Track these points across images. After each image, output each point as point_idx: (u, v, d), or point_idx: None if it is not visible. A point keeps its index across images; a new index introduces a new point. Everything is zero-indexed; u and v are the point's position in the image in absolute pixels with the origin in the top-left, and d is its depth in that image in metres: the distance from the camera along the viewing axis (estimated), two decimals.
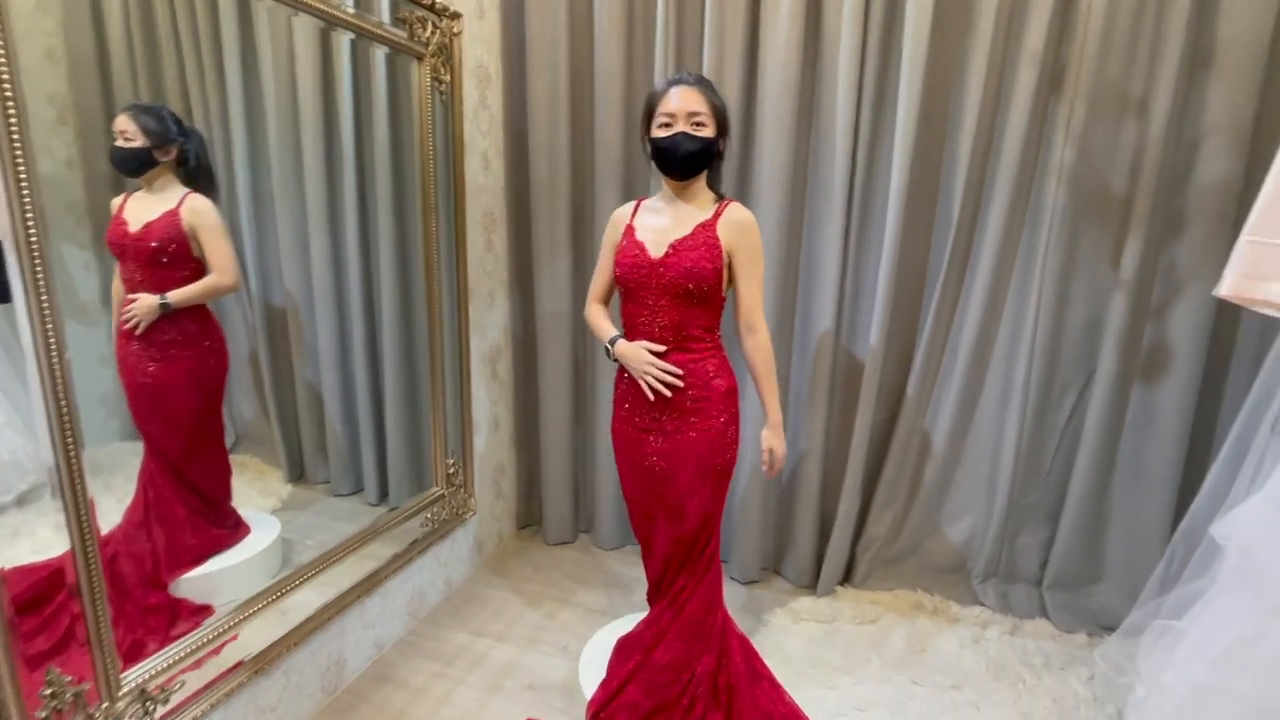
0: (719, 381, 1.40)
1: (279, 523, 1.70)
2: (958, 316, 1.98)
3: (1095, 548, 1.97)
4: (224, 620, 1.37)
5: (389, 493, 1.96)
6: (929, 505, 2.13)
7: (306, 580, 1.58)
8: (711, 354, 1.40)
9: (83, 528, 1.06)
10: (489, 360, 2.26)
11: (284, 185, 1.66)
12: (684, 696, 1.39)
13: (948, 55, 1.81)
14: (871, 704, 1.67)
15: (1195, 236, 1.72)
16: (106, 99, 1.32)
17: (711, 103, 1.33)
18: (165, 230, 1.37)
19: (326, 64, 1.66)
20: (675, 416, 1.39)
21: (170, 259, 1.39)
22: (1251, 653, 1.04)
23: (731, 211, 1.38)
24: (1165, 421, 1.82)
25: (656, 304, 1.37)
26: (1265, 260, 1.21)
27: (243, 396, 1.72)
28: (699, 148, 1.32)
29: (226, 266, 1.46)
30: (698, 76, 1.37)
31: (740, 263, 1.37)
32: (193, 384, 1.50)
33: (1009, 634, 1.95)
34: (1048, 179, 1.80)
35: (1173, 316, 1.78)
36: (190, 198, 1.40)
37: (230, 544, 1.59)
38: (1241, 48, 1.58)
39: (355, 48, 1.67)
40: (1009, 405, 1.97)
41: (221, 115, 1.51)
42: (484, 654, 1.87)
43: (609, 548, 2.45)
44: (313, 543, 1.70)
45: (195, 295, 1.44)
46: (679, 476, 1.39)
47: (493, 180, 2.19)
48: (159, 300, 1.38)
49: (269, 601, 1.47)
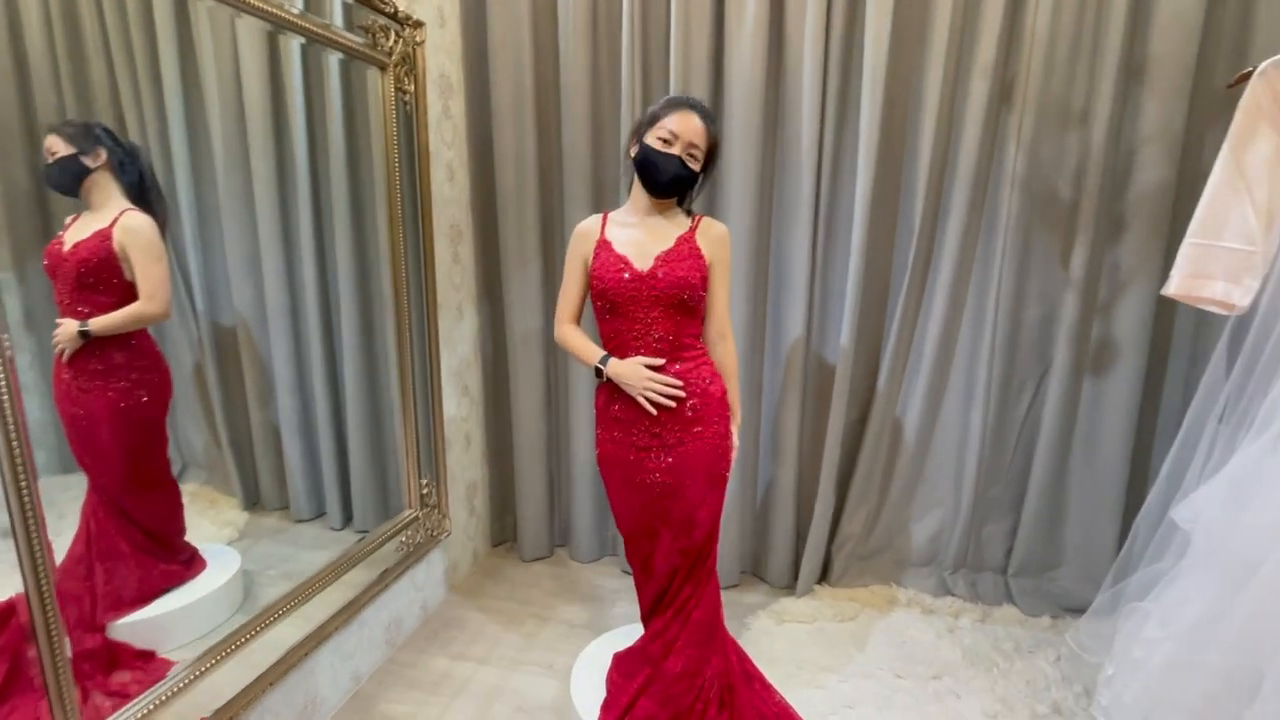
0: (714, 387, 1.41)
1: (238, 554, 1.61)
2: (921, 319, 2.05)
3: (1054, 534, 2.08)
4: (193, 668, 1.29)
5: (353, 516, 1.89)
6: (900, 502, 2.20)
7: (280, 618, 1.49)
8: (704, 361, 1.42)
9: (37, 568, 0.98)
10: (459, 376, 2.21)
11: (232, 199, 1.57)
12: (697, 702, 1.39)
13: (905, 69, 1.88)
14: (859, 701, 1.71)
15: (1135, 238, 1.84)
16: (27, 114, 1.22)
17: (712, 139, 1.37)
18: (92, 250, 1.27)
19: (275, 71, 1.58)
20: (678, 428, 1.38)
21: (97, 281, 1.28)
22: (1217, 627, 1.12)
23: (708, 224, 1.43)
24: (1114, 411, 1.94)
25: (648, 316, 1.36)
26: (1207, 260, 1.31)
27: (190, 423, 1.61)
28: (688, 176, 1.36)
29: (154, 292, 1.34)
30: (704, 108, 1.38)
31: (717, 273, 1.41)
32: (119, 418, 1.38)
33: (980, 621, 2.03)
34: (1002, 186, 1.89)
35: (1118, 313, 1.90)
36: (126, 215, 1.30)
37: (183, 580, 1.49)
38: (1171, 63, 1.71)
39: (308, 54, 1.60)
40: (972, 401, 2.06)
41: (159, 127, 1.41)
42: (468, 679, 1.81)
43: (587, 560, 2.42)
44: (275, 572, 1.62)
45: (118, 324, 1.32)
46: (687, 488, 1.39)
47: (458, 192, 2.15)
48: (79, 327, 1.28)
49: (244, 641, 1.39)
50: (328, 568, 1.66)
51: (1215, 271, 1.29)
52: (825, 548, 2.20)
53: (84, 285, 1.28)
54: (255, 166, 1.59)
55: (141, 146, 1.35)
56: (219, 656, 1.34)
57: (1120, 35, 1.70)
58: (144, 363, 1.41)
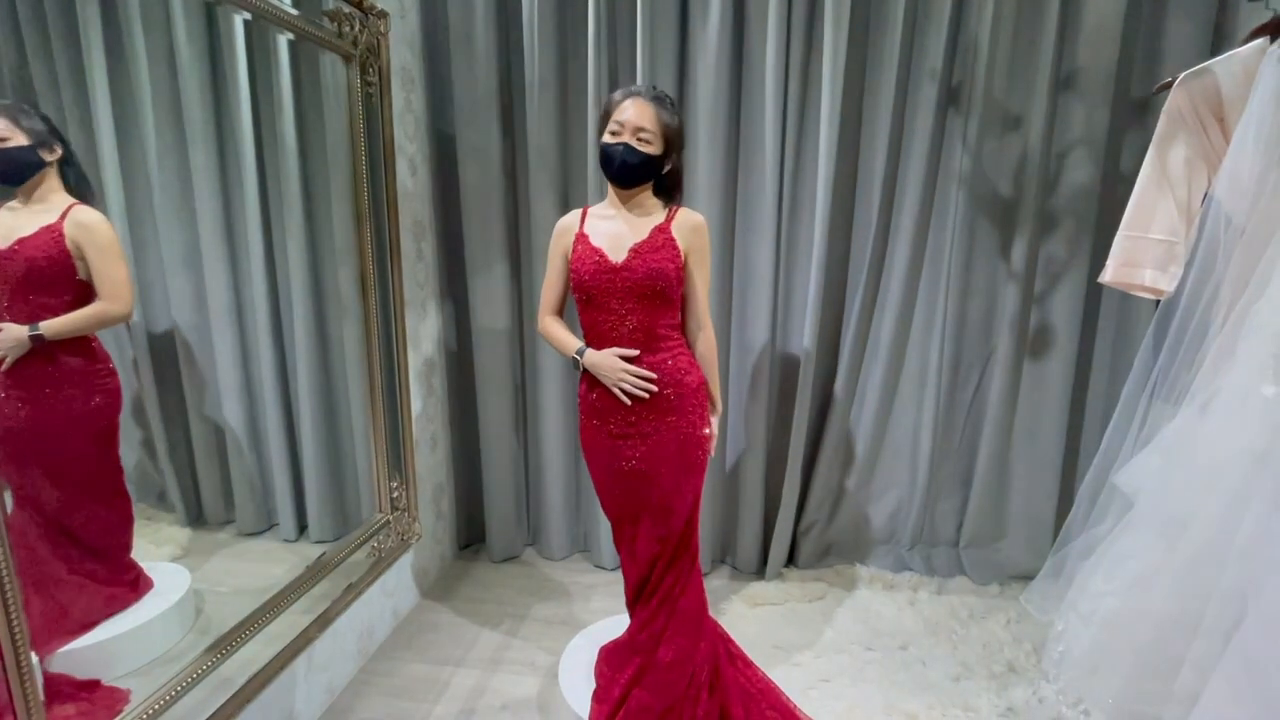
0: (690, 378, 1.42)
1: (188, 572, 1.52)
2: (878, 311, 2.17)
3: (1000, 507, 2.24)
4: (166, 689, 1.22)
5: (308, 526, 1.81)
6: (860, 485, 2.31)
7: (252, 634, 1.42)
8: (680, 351, 1.43)
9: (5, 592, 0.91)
10: (424, 375, 2.16)
11: (168, 196, 1.47)
12: (690, 688, 1.42)
13: (860, 74, 1.98)
14: (834, 674, 1.79)
15: (1066, 233, 2.01)
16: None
17: (662, 121, 1.35)
18: (42, 248, 1.18)
19: (216, 59, 1.49)
20: (653, 418, 1.40)
21: (47, 282, 1.20)
22: (1156, 579, 1.25)
23: (684, 215, 1.42)
24: (1050, 392, 2.11)
25: (622, 308, 1.38)
26: (1138, 250, 1.45)
27: (122, 437, 1.52)
28: (639, 161, 1.34)
29: (118, 292, 1.27)
30: (656, 93, 1.37)
31: (693, 263, 1.41)
32: (76, 428, 1.30)
33: (936, 594, 2.16)
34: (950, 185, 2.02)
35: (1053, 302, 2.06)
36: (76, 210, 1.22)
37: (129, 603, 1.40)
38: (1095, 72, 1.88)
39: (257, 37, 1.51)
40: (924, 387, 2.19)
41: (82, 116, 1.30)
42: (447, 682, 1.78)
43: (559, 558, 2.42)
44: (227, 589, 1.55)
45: (77, 325, 1.24)
46: (663, 476, 1.41)
47: (420, 187, 2.10)
48: (29, 331, 1.18)
49: (215, 662, 1.32)
50: (299, 579, 1.59)
51: (1145, 261, 1.43)
52: (792, 533, 2.28)
53: (30, 286, 1.18)
54: (194, 159, 1.49)
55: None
56: (191, 678, 1.27)
57: (1051, 46, 1.85)
58: (100, 367, 1.33)
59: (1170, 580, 1.20)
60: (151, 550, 1.53)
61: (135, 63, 1.35)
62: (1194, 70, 1.33)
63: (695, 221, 1.42)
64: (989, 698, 1.69)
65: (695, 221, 1.42)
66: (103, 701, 1.21)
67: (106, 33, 1.31)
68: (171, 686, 1.23)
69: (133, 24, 1.35)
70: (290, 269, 1.69)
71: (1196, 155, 1.36)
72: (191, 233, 1.52)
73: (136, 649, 1.35)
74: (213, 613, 1.49)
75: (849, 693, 1.72)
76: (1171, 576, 1.21)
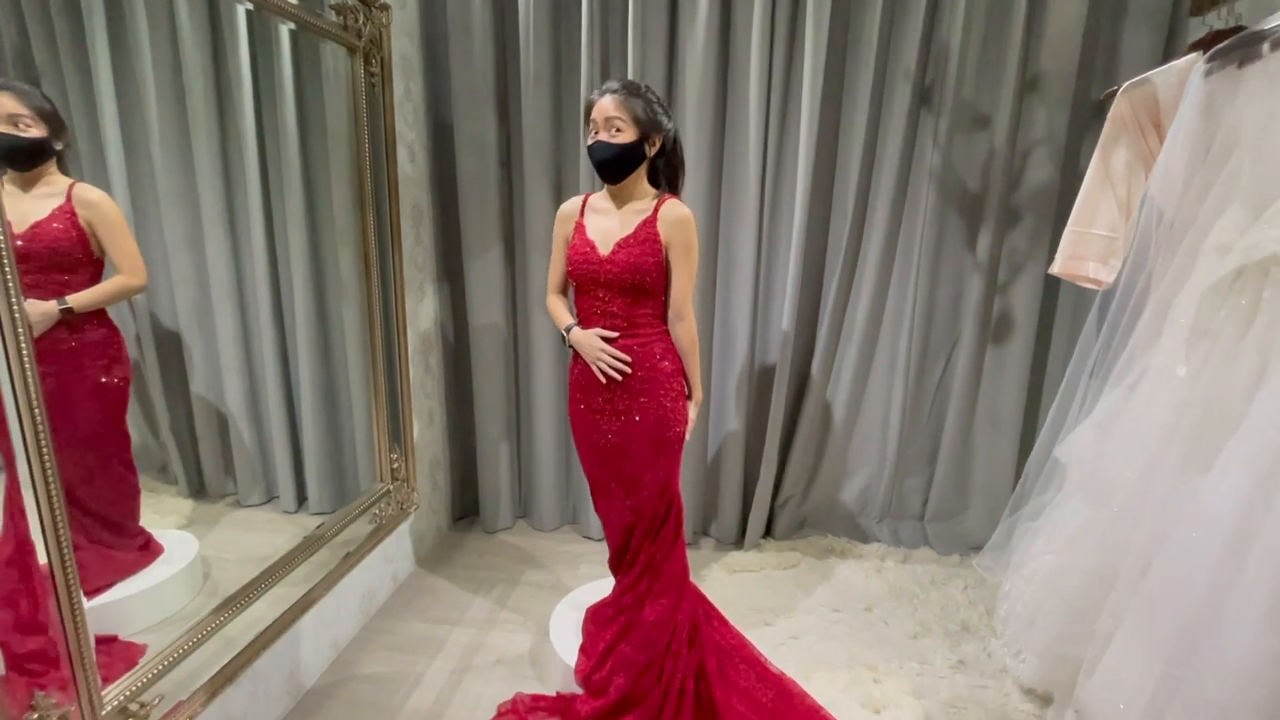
0: (665, 363, 1.52)
1: (196, 539, 1.61)
2: (852, 298, 2.30)
3: (962, 483, 2.40)
4: (199, 627, 1.33)
5: (308, 498, 1.90)
6: (834, 463, 2.45)
7: (269, 587, 1.54)
8: (658, 338, 1.53)
9: (60, 542, 1.01)
10: (421, 354, 2.26)
11: (171, 178, 1.52)
12: (673, 643, 1.55)
13: (839, 73, 2.10)
14: (804, 632, 1.94)
15: (1027, 227, 2.15)
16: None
17: (630, 109, 1.39)
18: (61, 229, 1.25)
19: (219, 48, 1.54)
20: (626, 397, 1.51)
21: (68, 261, 1.27)
22: (1084, 539, 1.40)
23: (668, 208, 1.46)
24: (1011, 375, 2.26)
25: (606, 295, 1.49)
26: (1083, 244, 1.59)
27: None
28: (613, 154, 1.40)
29: (135, 265, 1.35)
30: (624, 83, 1.41)
31: (674, 256, 1.46)
32: (97, 398, 1.38)
33: (901, 562, 2.32)
34: (921, 180, 2.15)
35: (1014, 292, 2.21)
36: (79, 189, 1.28)
37: (138, 568, 1.48)
38: (1058, 76, 2.00)
39: (254, 25, 1.56)
40: (895, 371, 2.33)
41: (86, 100, 1.36)
42: (445, 639, 1.91)
43: (549, 529, 2.54)
44: (232, 557, 1.64)
45: (102, 298, 1.32)
46: (634, 452, 1.53)
47: (418, 173, 2.19)
48: (58, 305, 1.27)
49: (235, 611, 1.43)
50: (305, 542, 1.70)
51: (1089, 254, 1.57)
52: (769, 506, 2.43)
53: (54, 266, 1.26)
54: (197, 143, 1.54)
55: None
56: (206, 630, 1.36)
57: (1017, 51, 1.97)
58: (115, 339, 1.41)
59: (1095, 539, 1.35)
60: (156, 520, 1.61)
61: (139, 53, 1.40)
62: (1135, 80, 1.46)
63: (678, 215, 1.45)
64: (943, 653, 1.85)
65: (678, 215, 1.45)
66: (120, 654, 1.30)
67: (109, 14, 1.35)
68: (187, 639, 1.33)
69: (137, 13, 1.39)
70: (291, 250, 1.76)
71: (1136, 158, 1.50)
72: (194, 213, 1.58)
73: (150, 608, 1.44)
74: (219, 577, 1.58)
75: (816, 648, 1.87)
76: (1096, 536, 1.37)
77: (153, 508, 1.64)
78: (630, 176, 1.47)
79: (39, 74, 1.29)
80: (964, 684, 1.73)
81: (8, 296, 0.93)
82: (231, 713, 1.44)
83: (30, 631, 1.07)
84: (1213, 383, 1.15)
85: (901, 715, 1.62)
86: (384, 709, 1.64)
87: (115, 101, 1.40)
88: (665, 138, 1.48)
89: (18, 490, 1.02)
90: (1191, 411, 1.18)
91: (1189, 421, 1.18)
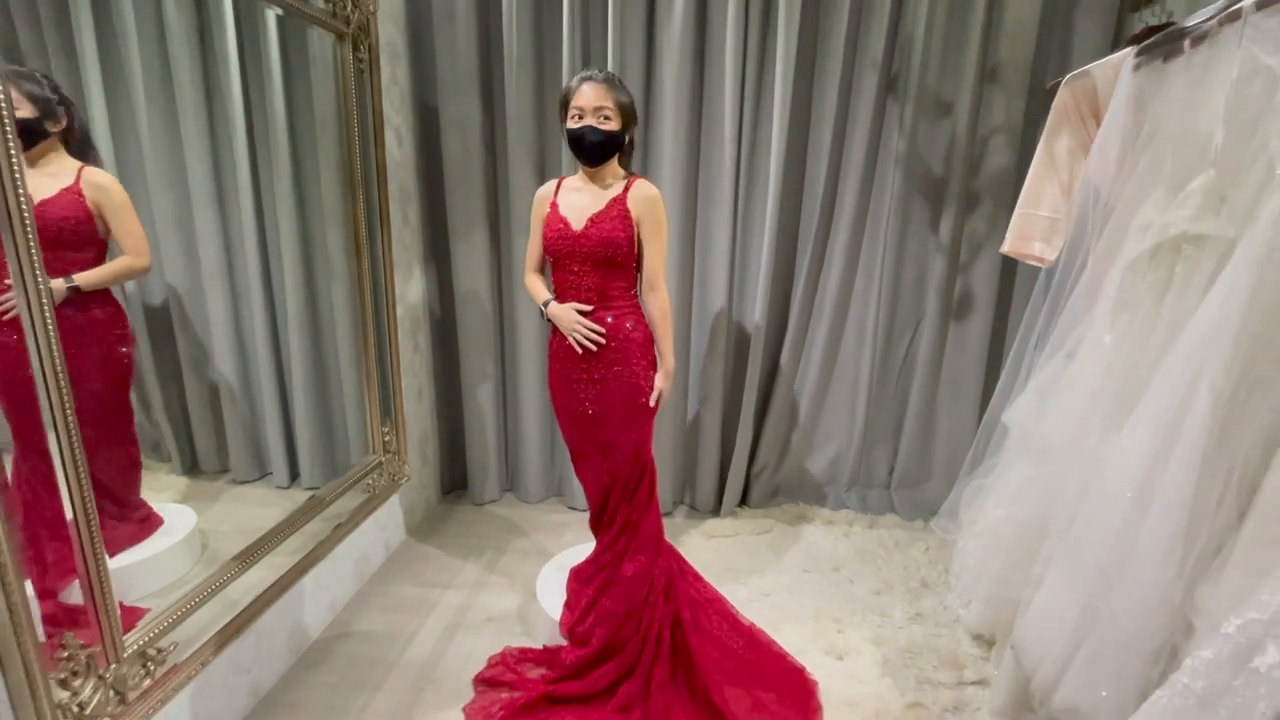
0: (636, 334, 1.62)
1: (194, 512, 1.68)
2: (823, 277, 2.41)
3: (926, 452, 2.55)
4: (209, 582, 1.42)
5: (300, 474, 1.98)
6: (805, 435, 2.58)
7: (272, 548, 1.63)
8: (630, 311, 1.62)
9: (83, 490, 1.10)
10: (410, 332, 2.34)
11: (159, 162, 1.56)
12: (650, 595, 1.67)
13: (809, 62, 2.19)
14: (775, 590, 2.08)
15: (986, 210, 2.27)
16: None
17: (617, 99, 1.50)
18: (68, 209, 1.31)
19: (205, 33, 1.58)
20: (601, 366, 1.61)
21: (74, 240, 1.33)
22: (1026, 493, 1.54)
23: (638, 187, 1.55)
24: (971, 350, 2.39)
25: (580, 270, 1.58)
26: (1028, 225, 1.71)
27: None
28: (602, 139, 1.50)
29: (140, 247, 1.40)
30: (606, 74, 1.52)
31: (645, 231, 1.55)
32: (102, 372, 1.44)
33: (869, 528, 2.46)
34: (887, 165, 2.26)
35: (974, 271, 2.33)
36: (88, 172, 1.33)
37: (140, 539, 1.55)
38: (1014, 67, 2.12)
39: (240, 10, 1.59)
40: (863, 347, 2.46)
41: (72, 84, 1.37)
42: (436, 600, 2.02)
43: (534, 501, 2.65)
44: (229, 528, 1.70)
45: (107, 278, 1.38)
46: (609, 418, 1.63)
47: (405, 156, 2.25)
48: (65, 283, 1.33)
49: (242, 567, 1.53)
50: (301, 509, 1.78)
51: (1035, 234, 1.70)
52: (745, 476, 2.56)
53: (59, 244, 1.32)
54: (185, 128, 1.58)
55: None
56: (208, 590, 1.45)
57: (977, 42, 2.08)
58: (120, 318, 1.48)
59: (1033, 494, 1.49)
60: (151, 496, 1.68)
61: (125, 37, 1.42)
62: (1076, 72, 1.58)
63: (648, 194, 1.54)
64: (903, 606, 1.99)
65: (648, 194, 1.54)
66: (124, 617, 1.39)
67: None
68: (196, 593, 1.42)
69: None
70: (280, 232, 1.81)
71: (1077, 145, 1.62)
72: (183, 195, 1.62)
73: (151, 576, 1.52)
74: (217, 548, 1.66)
75: (786, 604, 2.01)
76: (1034, 491, 1.50)
77: (148, 484, 1.69)
78: (608, 160, 1.57)
79: (23, 59, 1.33)
80: (920, 633, 1.87)
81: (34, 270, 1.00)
82: (239, 663, 1.53)
83: (59, 578, 1.17)
84: (1132, 350, 1.28)
85: (862, 661, 1.76)
86: (381, 662, 1.75)
87: (102, 86, 1.42)
88: (635, 127, 1.59)
89: (46, 444, 1.09)
90: (1114, 376, 1.31)
91: (1112, 385, 1.31)
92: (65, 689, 1.07)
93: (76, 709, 1.09)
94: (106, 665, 1.15)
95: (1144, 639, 1.11)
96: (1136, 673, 1.11)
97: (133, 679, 1.20)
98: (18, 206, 0.98)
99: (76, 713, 1.09)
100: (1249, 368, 1.01)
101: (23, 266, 0.99)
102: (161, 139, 1.55)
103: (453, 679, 1.69)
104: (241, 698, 1.55)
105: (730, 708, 1.52)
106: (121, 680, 1.18)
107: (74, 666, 1.08)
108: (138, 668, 1.22)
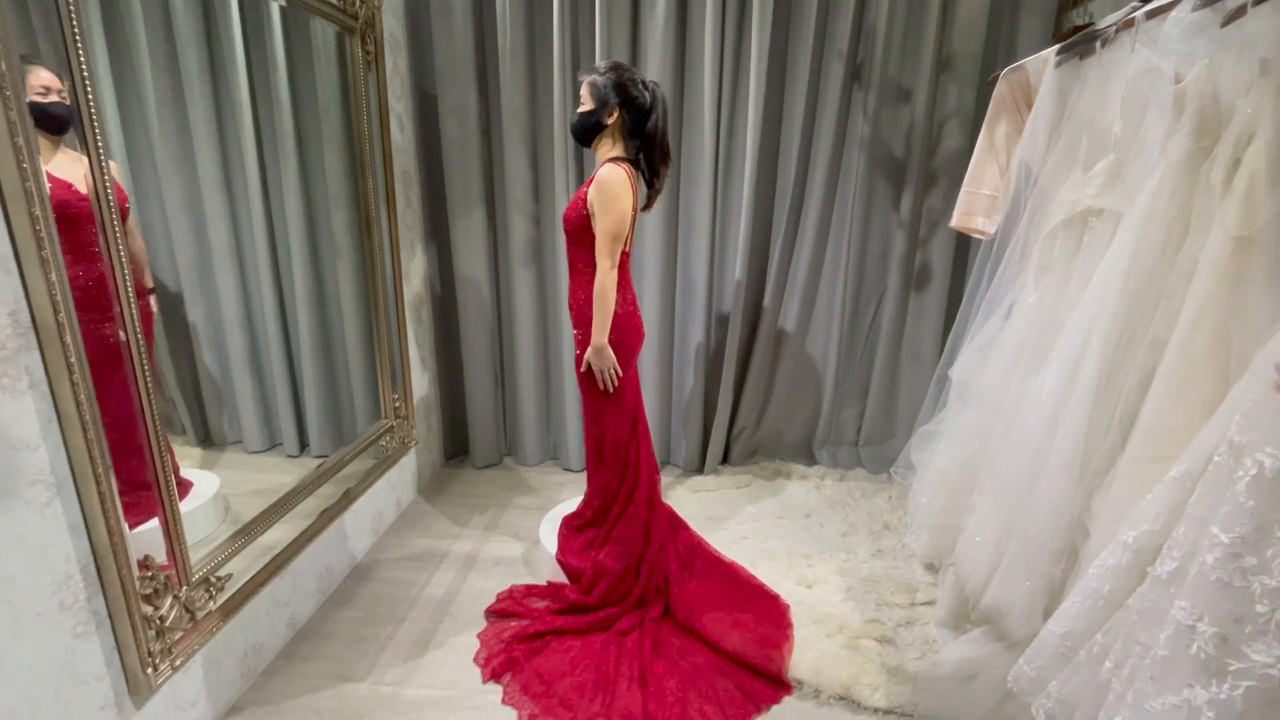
0: (588, 308, 1.74)
1: (217, 478, 1.81)
2: (795, 252, 2.62)
3: (889, 411, 2.79)
4: (260, 519, 1.61)
5: (309, 443, 2.10)
6: (781, 397, 2.81)
7: (303, 498, 1.82)
8: (585, 284, 1.75)
9: (158, 433, 1.28)
10: (413, 307, 2.52)
11: (168, 145, 1.65)
12: (648, 548, 1.90)
13: (782, 53, 2.37)
14: (752, 534, 2.31)
15: (942, 190, 2.49)
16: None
17: (589, 81, 1.66)
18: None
19: (210, 21, 1.66)
20: (575, 332, 1.83)
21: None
22: (965, 434, 1.77)
23: (599, 172, 1.65)
24: (930, 318, 2.63)
25: (565, 244, 1.80)
26: (972, 202, 1.93)
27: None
28: (576, 121, 1.70)
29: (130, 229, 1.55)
30: (598, 64, 1.69)
31: (594, 213, 1.65)
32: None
33: (838, 481, 2.71)
34: (853, 148, 2.46)
35: (932, 246, 2.56)
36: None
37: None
38: (966, 57, 2.32)
39: (248, 4, 1.68)
40: (832, 316, 2.68)
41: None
42: (447, 550, 2.23)
43: (532, 464, 2.86)
44: (247, 491, 1.83)
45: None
46: (580, 384, 1.85)
47: (407, 141, 2.41)
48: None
49: (280, 514, 1.72)
50: (321, 468, 1.96)
51: (978, 210, 1.92)
52: (725, 437, 2.78)
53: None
54: (193, 113, 1.66)
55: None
56: (246, 535, 1.63)
57: (933, 34, 2.28)
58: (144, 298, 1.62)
59: (970, 436, 1.73)
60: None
61: (132, 25, 1.49)
62: (1013, 66, 1.79)
63: (599, 177, 1.62)
64: (866, 545, 2.24)
65: (599, 177, 1.62)
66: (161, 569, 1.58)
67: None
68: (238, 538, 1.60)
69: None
70: (288, 214, 1.94)
71: (1014, 131, 1.83)
72: (192, 179, 1.73)
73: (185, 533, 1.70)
74: (239, 508, 1.84)
75: (761, 545, 2.24)
76: (970, 434, 1.74)
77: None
78: (596, 142, 1.72)
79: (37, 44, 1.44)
80: (880, 567, 2.12)
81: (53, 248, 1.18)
82: (279, 598, 1.73)
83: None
84: (1049, 307, 1.51)
85: (829, 589, 2.00)
86: (402, 600, 1.95)
87: (111, 75, 1.49)
88: (621, 110, 1.66)
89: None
90: (1035, 330, 1.53)
91: (1034, 337, 1.54)
92: (149, 604, 1.26)
93: (159, 621, 1.28)
94: (179, 586, 1.34)
95: (1051, 540, 1.35)
96: (1044, 571, 1.35)
97: (199, 600, 1.39)
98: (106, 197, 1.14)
99: (159, 624, 1.28)
100: (1129, 319, 1.24)
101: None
102: (170, 125, 1.62)
103: (467, 612, 1.90)
104: (281, 628, 1.75)
105: (710, 629, 1.75)
106: (191, 600, 1.37)
107: (155, 585, 1.27)
108: (202, 591, 1.41)
